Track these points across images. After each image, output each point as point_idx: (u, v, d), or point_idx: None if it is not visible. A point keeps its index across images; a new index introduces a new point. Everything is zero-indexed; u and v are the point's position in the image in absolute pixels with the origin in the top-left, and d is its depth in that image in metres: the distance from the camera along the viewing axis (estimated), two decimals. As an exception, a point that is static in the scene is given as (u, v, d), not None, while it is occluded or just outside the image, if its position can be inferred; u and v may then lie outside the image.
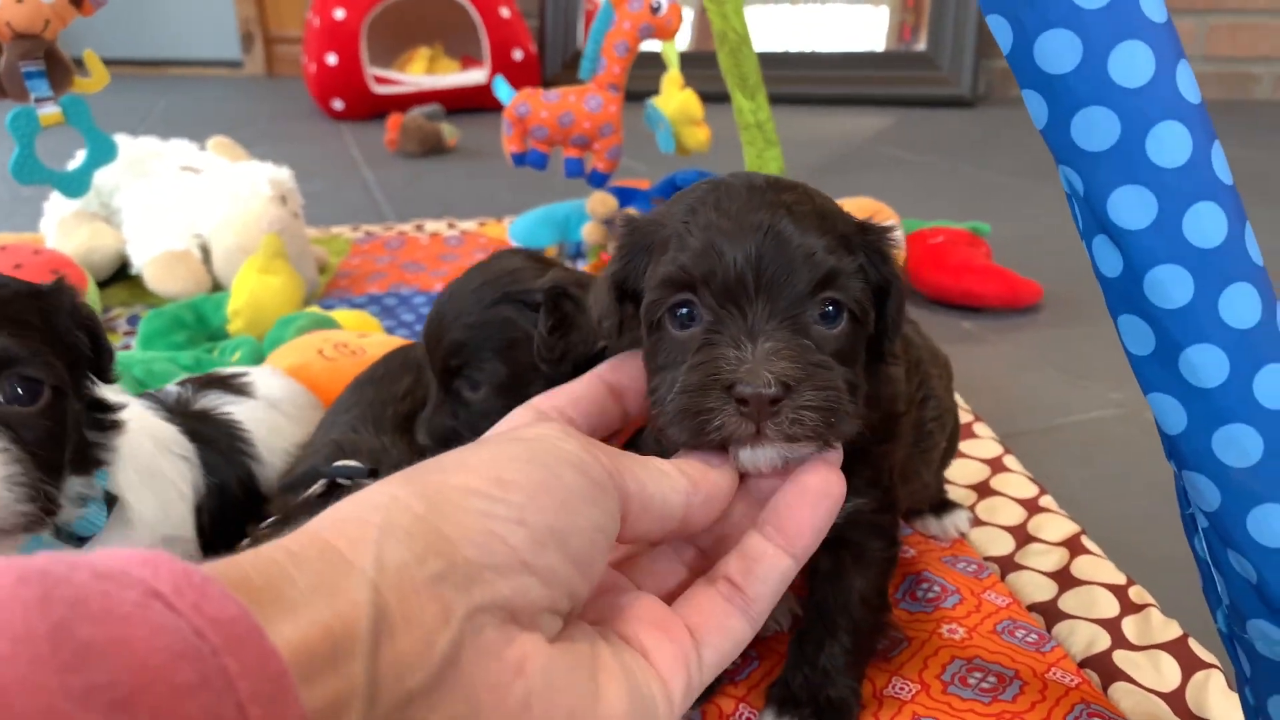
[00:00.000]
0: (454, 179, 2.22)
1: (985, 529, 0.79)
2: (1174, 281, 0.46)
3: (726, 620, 0.39)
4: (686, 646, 0.37)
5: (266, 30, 3.87)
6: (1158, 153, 0.45)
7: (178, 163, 1.38)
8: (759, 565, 0.40)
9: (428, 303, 1.35)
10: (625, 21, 1.44)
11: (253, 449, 0.75)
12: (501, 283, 0.68)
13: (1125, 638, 0.65)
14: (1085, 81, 0.46)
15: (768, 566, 0.40)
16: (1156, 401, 0.48)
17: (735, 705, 0.62)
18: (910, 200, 1.66)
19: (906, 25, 3.14)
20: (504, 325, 0.67)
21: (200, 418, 0.74)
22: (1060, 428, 1.02)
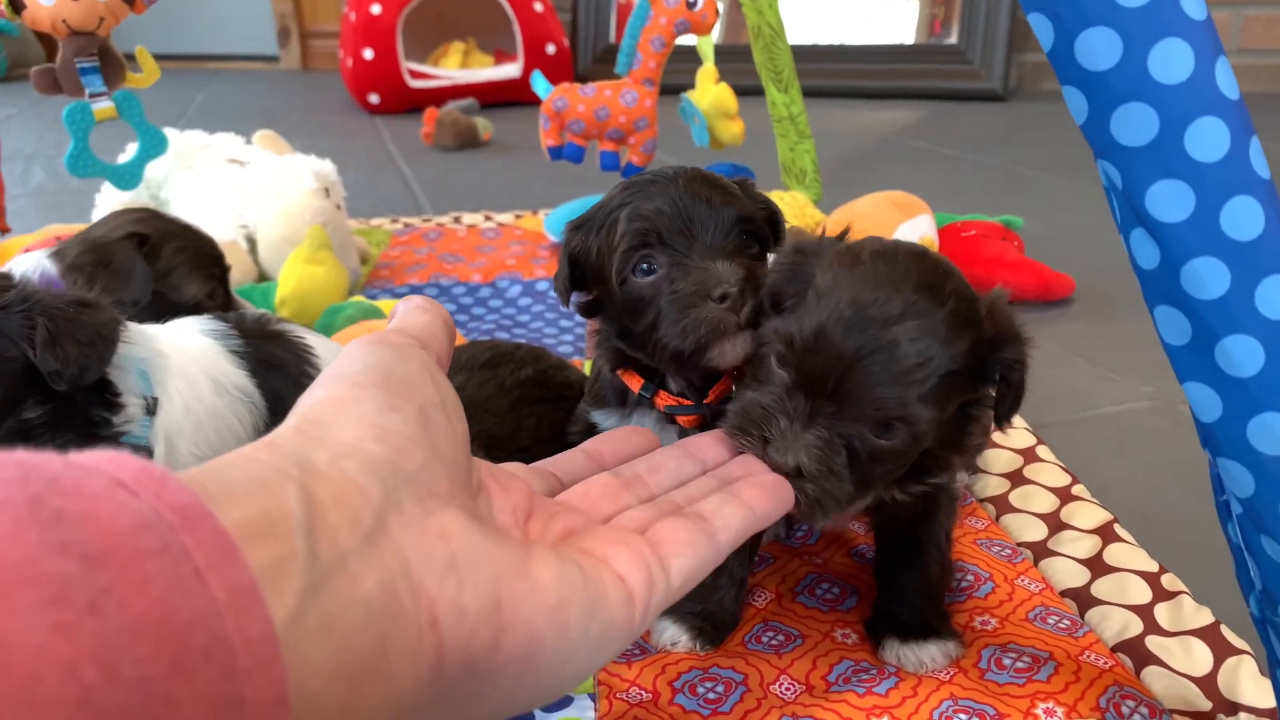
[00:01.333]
0: (488, 172, 2.25)
1: (1018, 515, 0.81)
2: (1211, 273, 0.47)
3: (691, 538, 0.40)
4: (644, 552, 0.38)
5: (302, 25, 3.92)
6: (1196, 147, 0.47)
7: (224, 156, 1.41)
8: (725, 508, 0.44)
9: (467, 293, 1.38)
10: (661, 17, 1.45)
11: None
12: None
13: (1158, 623, 0.67)
14: (1125, 78, 0.47)
15: (731, 511, 0.44)
16: (1192, 390, 0.49)
17: (778, 675, 0.64)
18: (941, 194, 1.66)
19: (937, 19, 3.13)
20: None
21: (275, 338, 0.77)
22: (1092, 419, 1.03)
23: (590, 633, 0.34)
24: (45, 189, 2.16)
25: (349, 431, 0.32)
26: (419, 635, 0.28)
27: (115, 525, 0.21)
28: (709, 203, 0.66)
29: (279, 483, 0.28)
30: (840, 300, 0.54)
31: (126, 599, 0.20)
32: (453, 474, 0.34)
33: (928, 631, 0.65)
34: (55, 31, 1.24)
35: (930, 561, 0.67)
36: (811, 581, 0.74)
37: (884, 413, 0.53)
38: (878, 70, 3.11)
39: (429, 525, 0.31)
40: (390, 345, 0.37)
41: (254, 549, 0.24)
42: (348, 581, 0.27)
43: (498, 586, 0.31)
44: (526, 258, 1.52)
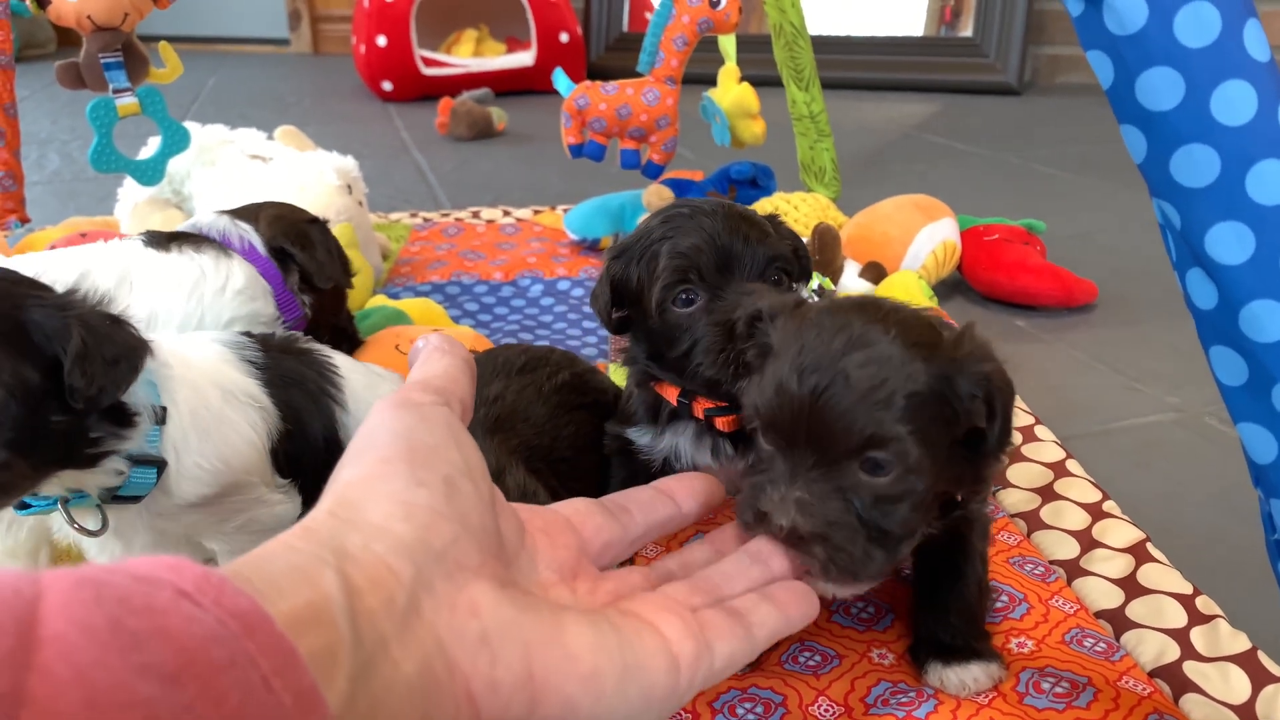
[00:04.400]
0: (503, 163, 2.24)
1: (1050, 532, 0.81)
2: (1270, 317, 0.47)
3: (732, 628, 0.41)
4: (694, 626, 0.39)
5: (313, 9, 3.90)
6: (1258, 190, 0.47)
7: (246, 151, 1.40)
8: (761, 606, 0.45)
9: (489, 291, 1.38)
10: (684, 15, 1.45)
11: (341, 395, 0.78)
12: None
13: (1194, 649, 0.67)
14: (1187, 119, 0.47)
15: (767, 611, 0.45)
16: (1247, 431, 0.50)
17: (816, 696, 0.64)
18: (959, 193, 1.66)
19: (948, 8, 3.11)
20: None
21: (298, 354, 0.78)
22: (1117, 431, 1.03)
23: (629, 697, 0.35)
24: (61, 176, 2.15)
25: (379, 511, 0.33)
26: (456, 710, 0.30)
27: (188, 641, 0.23)
28: (746, 239, 0.71)
29: (318, 571, 0.29)
30: (790, 354, 0.55)
31: (206, 715, 0.22)
32: (482, 542, 0.35)
33: (970, 653, 0.65)
34: (80, 27, 1.23)
35: (968, 583, 0.67)
36: (847, 600, 0.74)
37: (855, 439, 0.52)
38: (891, 62, 3.09)
39: (459, 601, 0.32)
40: (414, 409, 0.38)
41: (305, 639, 0.26)
42: (389, 665, 0.28)
43: (530, 658, 0.32)
44: (547, 255, 1.52)
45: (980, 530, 0.68)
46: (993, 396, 0.54)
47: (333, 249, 1.00)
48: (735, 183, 1.63)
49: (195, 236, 0.98)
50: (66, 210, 1.80)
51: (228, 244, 0.97)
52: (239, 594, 0.25)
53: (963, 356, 0.55)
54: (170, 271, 0.92)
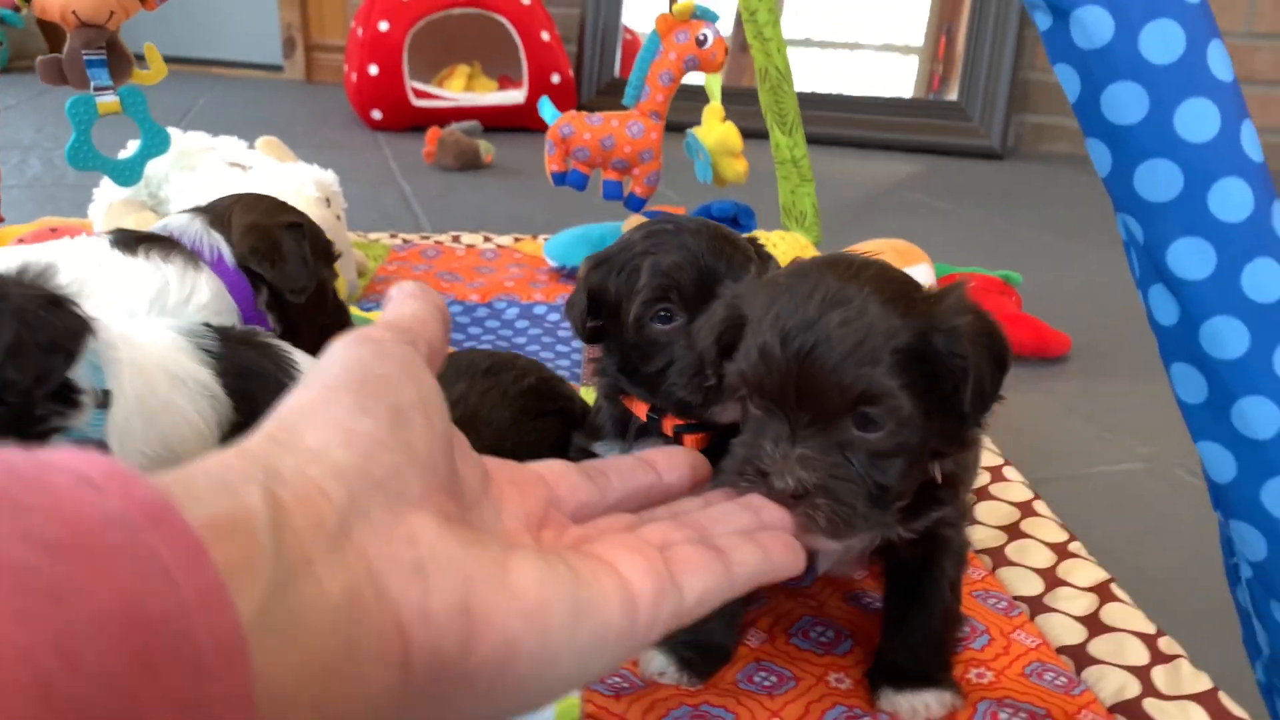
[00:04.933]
0: (489, 194, 2.25)
1: (1015, 569, 0.80)
2: (1230, 333, 0.47)
3: (708, 563, 0.39)
4: (658, 564, 0.36)
5: (308, 37, 3.93)
6: (1219, 207, 0.47)
7: (226, 159, 1.40)
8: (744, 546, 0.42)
9: (464, 312, 1.37)
10: (671, 52, 1.47)
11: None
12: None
13: (1155, 686, 0.66)
14: (1151, 134, 0.48)
15: (749, 551, 0.41)
16: (1206, 450, 0.49)
17: (769, 717, 0.62)
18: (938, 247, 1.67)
19: (936, 75, 3.17)
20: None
21: (257, 347, 0.76)
22: (1088, 477, 1.03)
23: (578, 638, 0.32)
24: (42, 180, 2.14)
25: (317, 437, 0.31)
26: (384, 640, 0.28)
27: (80, 520, 0.21)
28: (729, 261, 0.70)
29: (243, 486, 0.27)
30: (768, 320, 0.54)
31: (90, 590, 0.20)
32: (427, 477, 0.33)
33: (926, 680, 0.64)
34: (64, 22, 1.23)
35: (934, 610, 0.66)
36: (807, 624, 0.73)
37: (848, 394, 0.51)
38: (880, 121, 3.14)
39: (396, 531, 0.30)
40: (371, 343, 0.36)
41: (220, 547, 0.24)
42: (313, 584, 0.26)
43: (468, 591, 0.30)
44: (525, 281, 1.52)
45: (954, 556, 0.66)
46: (966, 354, 0.53)
47: (306, 255, 0.98)
48: (716, 220, 1.63)
49: (165, 241, 0.96)
50: (43, 213, 1.78)
51: (198, 252, 0.96)
52: (150, 489, 0.23)
53: (938, 310, 0.55)
54: (134, 278, 0.90)
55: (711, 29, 1.47)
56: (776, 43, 1.62)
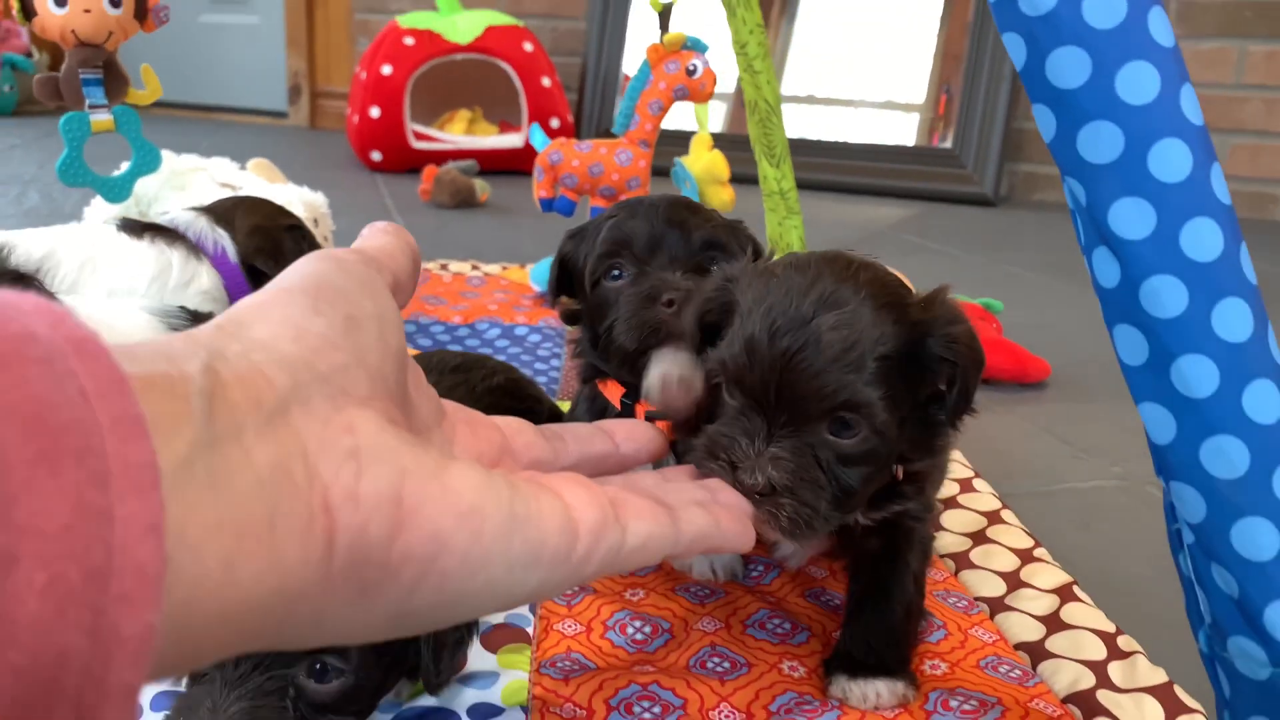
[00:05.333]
0: (481, 229, 2.27)
1: (978, 571, 0.79)
2: (1169, 292, 0.47)
3: (655, 513, 0.38)
4: (604, 501, 0.36)
5: (314, 84, 3.99)
6: (1159, 168, 0.47)
7: (217, 179, 1.42)
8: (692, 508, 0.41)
9: (445, 331, 1.37)
10: (661, 82, 1.49)
11: None
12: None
13: (1110, 680, 0.65)
14: (1093, 97, 0.48)
15: (698, 513, 0.41)
16: (1147, 411, 0.49)
17: (718, 702, 0.61)
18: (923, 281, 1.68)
19: (936, 133, 3.21)
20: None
21: None
22: (1059, 492, 1.02)
23: (512, 547, 0.31)
24: (39, 211, 2.16)
25: (267, 330, 0.31)
26: (310, 517, 0.27)
27: (3, 328, 0.20)
28: (682, 226, 0.73)
29: (185, 358, 0.27)
30: (759, 313, 0.55)
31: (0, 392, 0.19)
32: (375, 383, 0.32)
33: (880, 669, 0.63)
34: (63, 41, 1.26)
35: (896, 601, 0.65)
36: (764, 616, 0.72)
37: (828, 401, 0.52)
38: (875, 168, 3.18)
39: (335, 419, 0.30)
40: (334, 260, 0.36)
41: (148, 398, 0.23)
42: (240, 451, 0.26)
43: (400, 481, 0.29)
44: (509, 305, 1.52)
45: (918, 549, 0.66)
46: (958, 359, 0.55)
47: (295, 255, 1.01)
48: (701, 249, 1.65)
49: (170, 231, 0.98)
50: (37, 236, 1.80)
51: (201, 246, 0.98)
52: (81, 327, 0.22)
53: (932, 318, 0.56)
54: (137, 257, 0.93)
55: (701, 59, 1.50)
56: (766, 75, 1.64)
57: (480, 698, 0.61)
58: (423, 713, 0.60)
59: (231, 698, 0.51)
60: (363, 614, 0.29)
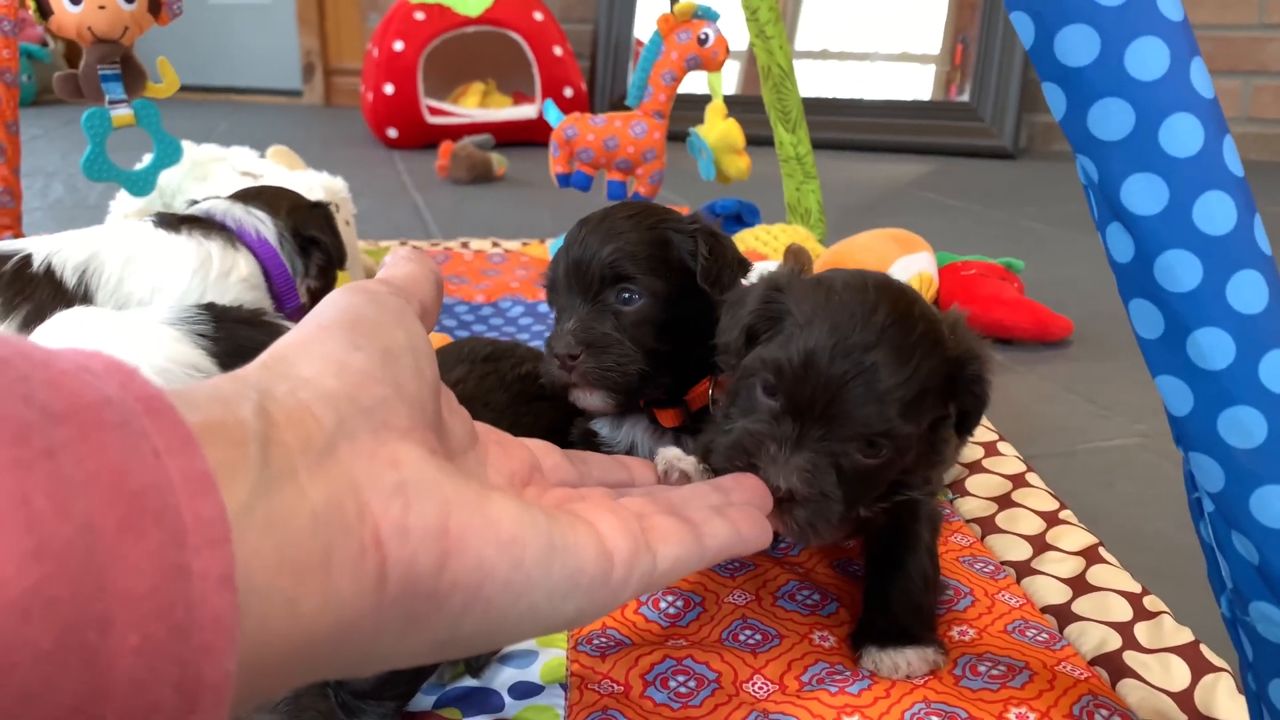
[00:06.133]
0: (500, 205, 2.28)
1: (1004, 536, 0.80)
2: (1183, 266, 0.48)
3: (681, 534, 0.40)
4: (634, 527, 0.38)
5: (327, 62, 3.99)
6: (1170, 142, 0.48)
7: (238, 168, 1.43)
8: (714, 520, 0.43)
9: (469, 311, 1.39)
10: (673, 52, 1.49)
11: None
12: (656, 213, 0.79)
13: (1137, 640, 0.66)
14: (1102, 74, 0.49)
15: (720, 524, 0.43)
16: (1164, 384, 0.50)
17: (751, 674, 0.63)
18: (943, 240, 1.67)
19: (953, 84, 3.18)
20: (664, 245, 0.77)
21: (261, 325, 0.79)
22: (1082, 452, 1.03)
23: (552, 573, 0.33)
24: (63, 203, 2.19)
25: (310, 368, 0.32)
26: (362, 551, 0.28)
27: (78, 396, 0.22)
28: (588, 263, 0.75)
29: (237, 400, 0.28)
30: (821, 329, 0.58)
31: (83, 456, 0.21)
32: (414, 413, 0.34)
33: (907, 638, 0.64)
34: (80, 38, 1.27)
35: (911, 574, 0.67)
36: (793, 588, 0.73)
37: (870, 429, 0.56)
38: (891, 124, 3.15)
39: (381, 453, 0.31)
40: (366, 292, 0.38)
41: (210, 448, 0.25)
42: (295, 491, 0.27)
43: (446, 514, 0.31)
44: (530, 281, 1.54)
45: (928, 522, 0.68)
46: (983, 393, 0.61)
47: (336, 230, 1.06)
48: (720, 217, 1.65)
49: (205, 221, 1.01)
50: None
51: (241, 233, 1.01)
52: (148, 385, 0.24)
53: (964, 352, 0.61)
54: (178, 253, 0.96)
55: (713, 28, 1.49)
56: (779, 40, 1.63)
57: (520, 676, 0.64)
58: (466, 693, 0.62)
59: (281, 690, 0.53)
60: (411, 641, 0.31)
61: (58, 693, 0.18)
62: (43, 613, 0.18)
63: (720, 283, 0.75)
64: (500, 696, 0.62)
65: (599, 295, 0.75)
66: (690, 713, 0.60)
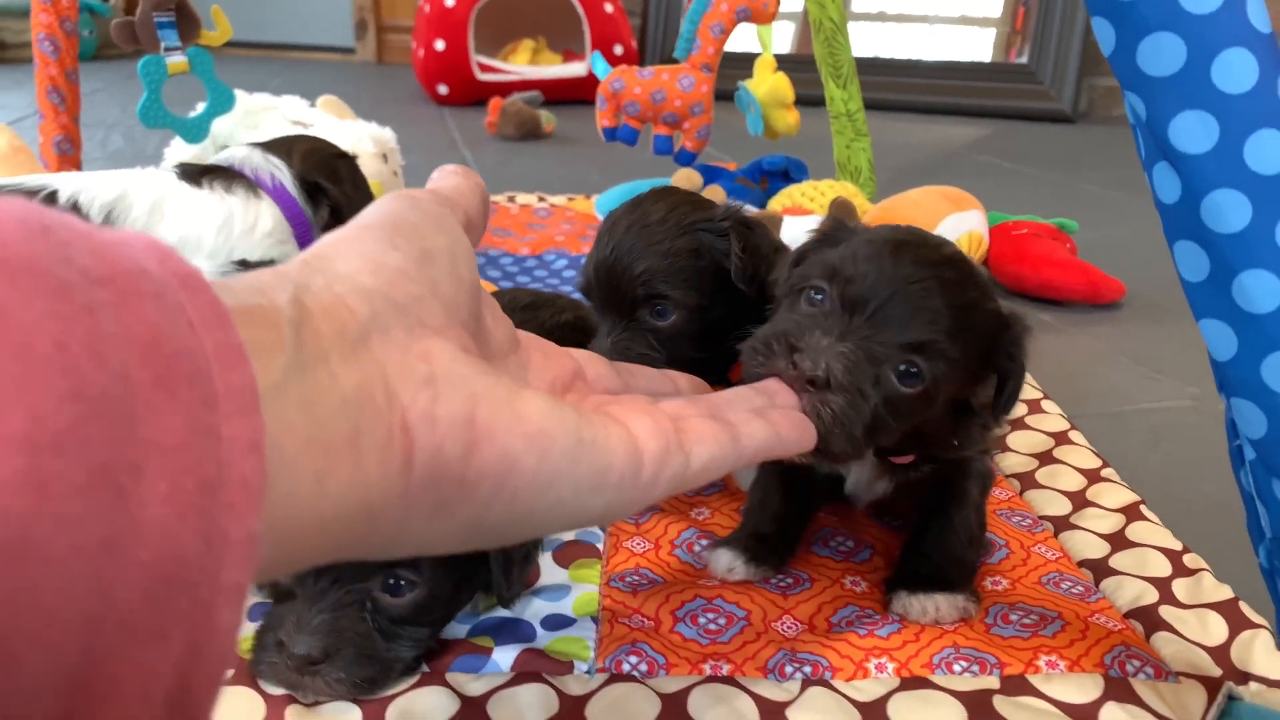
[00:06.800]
0: (547, 161, 2.28)
1: (1043, 491, 0.80)
2: (1232, 206, 0.47)
3: (716, 434, 0.40)
4: (668, 428, 0.38)
5: (379, 19, 4.01)
6: (1223, 78, 0.46)
7: (288, 117, 1.45)
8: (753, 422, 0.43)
9: (514, 263, 1.40)
10: (723, 4, 1.47)
11: None
12: (684, 212, 0.75)
13: (1174, 596, 0.65)
14: (1153, 6, 0.47)
15: (759, 426, 0.43)
16: (1208, 328, 0.49)
17: (781, 615, 0.64)
18: (998, 201, 1.65)
19: (1013, 47, 3.10)
20: (696, 253, 0.73)
21: None
22: (1130, 414, 1.01)
23: (579, 468, 0.34)
24: (122, 153, 2.24)
25: (348, 265, 0.33)
26: (389, 436, 0.29)
27: (117, 264, 0.22)
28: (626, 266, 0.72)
29: (274, 289, 0.29)
30: (883, 238, 0.57)
31: (121, 316, 0.21)
32: (449, 312, 0.34)
33: (940, 583, 0.64)
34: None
35: (957, 527, 0.66)
36: (827, 534, 0.74)
37: (917, 334, 0.53)
38: (950, 86, 3.09)
39: (414, 347, 0.32)
40: (408, 199, 0.38)
41: (245, 327, 0.25)
42: (327, 374, 0.28)
43: (474, 405, 0.31)
44: (575, 235, 1.54)
45: (978, 480, 0.67)
46: (1020, 361, 0.59)
47: (360, 182, 1.04)
48: (767, 174, 1.64)
49: (227, 172, 1.02)
50: (121, 179, 1.87)
51: (259, 182, 1.01)
52: (184, 263, 0.24)
53: (1010, 315, 0.60)
54: (200, 208, 0.96)
55: (762, -20, 1.47)
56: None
57: (552, 609, 0.65)
58: (499, 623, 0.63)
59: (314, 611, 0.55)
60: (441, 526, 0.32)
61: (91, 524, 0.19)
62: (77, 450, 0.19)
63: (757, 279, 0.73)
64: (532, 626, 0.63)
65: (633, 314, 0.74)
66: (719, 648, 0.60)
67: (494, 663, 0.59)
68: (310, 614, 0.56)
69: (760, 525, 0.70)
